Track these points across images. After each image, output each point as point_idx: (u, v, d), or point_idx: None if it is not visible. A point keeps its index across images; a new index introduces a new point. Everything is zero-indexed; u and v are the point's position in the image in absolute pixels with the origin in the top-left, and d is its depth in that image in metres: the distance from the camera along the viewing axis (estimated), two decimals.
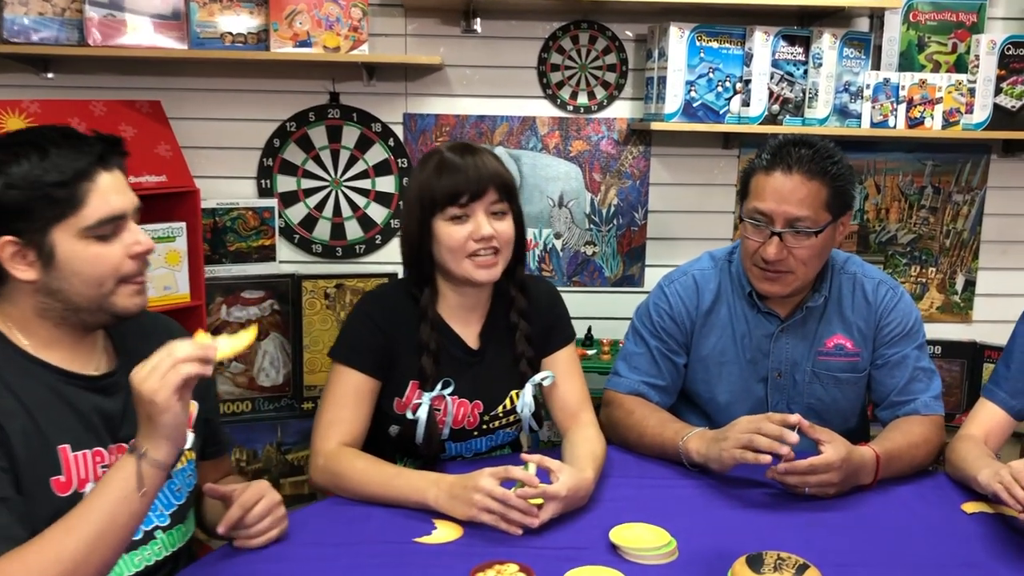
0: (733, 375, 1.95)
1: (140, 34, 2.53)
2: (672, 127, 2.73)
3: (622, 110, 2.98)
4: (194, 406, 1.30)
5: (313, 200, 2.95)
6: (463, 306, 1.81)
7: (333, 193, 2.96)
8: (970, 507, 1.64)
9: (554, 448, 1.85)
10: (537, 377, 1.82)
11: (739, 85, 2.78)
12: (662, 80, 2.76)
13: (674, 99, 2.73)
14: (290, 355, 2.89)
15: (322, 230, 2.97)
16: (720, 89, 2.76)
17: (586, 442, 1.75)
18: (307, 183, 2.94)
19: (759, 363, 1.94)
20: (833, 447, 1.60)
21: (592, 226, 3.02)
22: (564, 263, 3.04)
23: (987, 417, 1.85)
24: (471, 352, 1.81)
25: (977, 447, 1.76)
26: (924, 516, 1.61)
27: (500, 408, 1.82)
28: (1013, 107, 2.85)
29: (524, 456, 1.56)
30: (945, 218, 3.11)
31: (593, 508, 1.59)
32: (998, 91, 2.84)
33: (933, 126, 2.84)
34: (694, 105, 2.75)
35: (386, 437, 1.79)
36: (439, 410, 1.75)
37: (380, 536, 1.48)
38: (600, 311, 3.00)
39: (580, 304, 1.92)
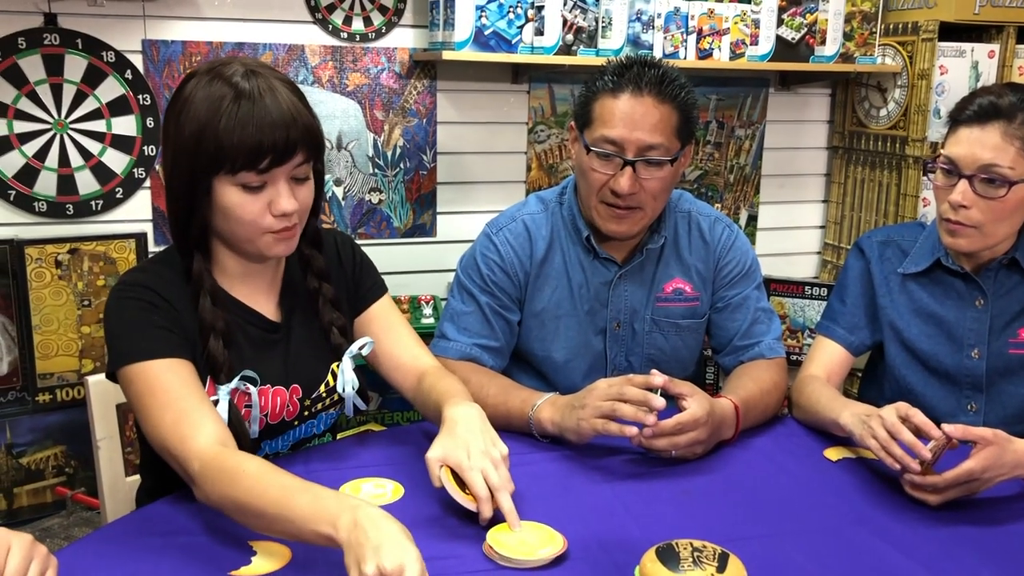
0: (571, 329, 1.74)
1: None
2: (464, 57, 2.46)
3: (403, 39, 2.66)
4: None
5: (32, 147, 2.40)
6: (248, 274, 1.42)
7: (58, 138, 2.42)
8: (832, 454, 1.55)
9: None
10: (354, 347, 1.49)
11: (531, 12, 2.55)
12: (449, 4, 2.48)
13: (464, 26, 2.46)
14: (15, 339, 2.35)
15: (46, 184, 2.43)
16: (512, 16, 2.53)
17: (449, 379, 1.47)
18: (22, 126, 2.38)
19: (597, 314, 1.75)
20: (697, 401, 1.44)
21: (377, 171, 2.70)
22: (347, 213, 2.70)
23: (827, 355, 1.79)
24: (273, 327, 1.44)
25: (826, 387, 1.68)
26: (793, 470, 1.49)
27: (322, 387, 1.48)
28: (793, 39, 2.85)
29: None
30: (729, 153, 3.10)
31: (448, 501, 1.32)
32: (779, 23, 2.82)
33: (721, 58, 2.78)
34: (485, 33, 2.50)
35: None
36: (249, 406, 1.39)
37: (185, 572, 1.13)
38: (392, 265, 2.70)
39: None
